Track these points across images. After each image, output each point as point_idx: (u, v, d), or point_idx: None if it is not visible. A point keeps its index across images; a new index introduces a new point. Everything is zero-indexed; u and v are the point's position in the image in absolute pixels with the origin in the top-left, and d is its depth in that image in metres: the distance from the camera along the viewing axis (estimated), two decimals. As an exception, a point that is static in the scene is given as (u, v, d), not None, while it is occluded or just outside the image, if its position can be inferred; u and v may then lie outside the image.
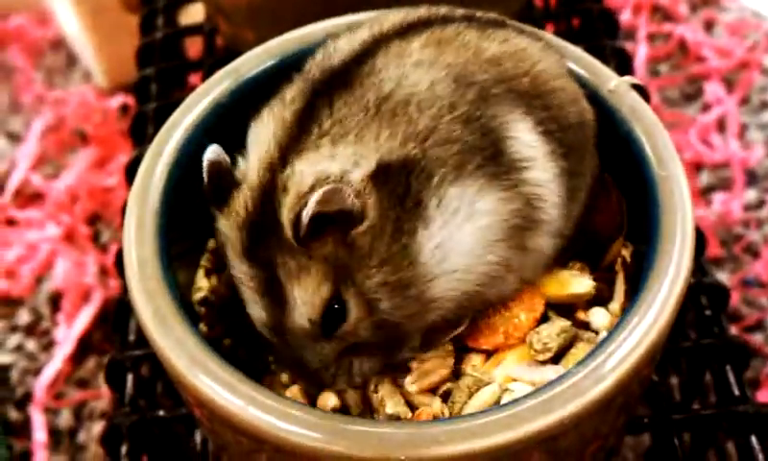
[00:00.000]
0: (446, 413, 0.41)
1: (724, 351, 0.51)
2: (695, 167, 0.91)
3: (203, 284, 0.48)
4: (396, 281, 0.39)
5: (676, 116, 0.96)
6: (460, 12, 0.47)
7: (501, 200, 0.41)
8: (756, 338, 0.79)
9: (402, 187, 0.39)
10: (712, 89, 0.98)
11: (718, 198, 0.88)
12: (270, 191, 0.39)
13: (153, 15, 0.74)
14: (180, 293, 0.44)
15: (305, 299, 0.39)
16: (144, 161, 0.47)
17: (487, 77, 0.42)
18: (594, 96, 0.47)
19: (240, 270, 0.40)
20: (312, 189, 0.38)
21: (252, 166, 0.41)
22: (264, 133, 0.42)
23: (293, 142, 0.41)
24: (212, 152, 0.41)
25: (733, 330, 0.79)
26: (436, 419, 0.40)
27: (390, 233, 0.39)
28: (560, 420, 0.36)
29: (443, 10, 0.47)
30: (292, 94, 0.43)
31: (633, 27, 1.05)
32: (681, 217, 0.42)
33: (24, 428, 0.77)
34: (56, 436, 0.77)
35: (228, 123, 0.49)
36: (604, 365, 0.37)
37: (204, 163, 0.41)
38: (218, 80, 0.49)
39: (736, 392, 0.50)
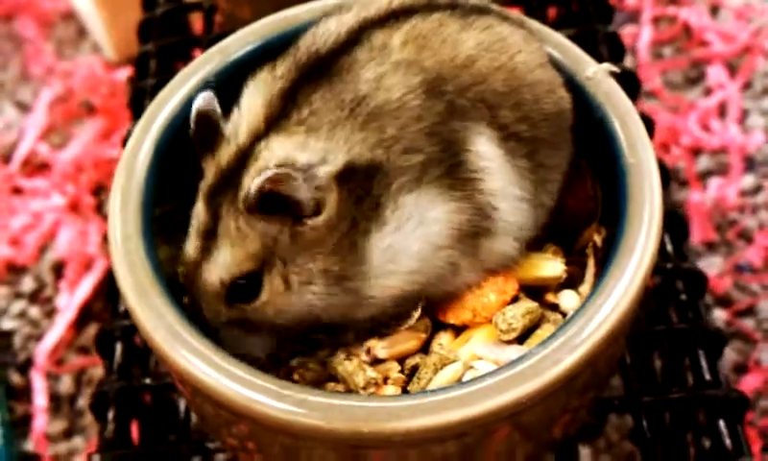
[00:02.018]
0: (395, 384, 0.43)
1: (698, 336, 0.52)
2: (694, 152, 0.92)
3: None
4: (337, 272, 0.42)
5: (677, 100, 0.96)
6: None
7: (453, 209, 0.43)
8: (747, 323, 0.80)
9: (364, 190, 0.42)
10: (715, 74, 0.98)
11: (714, 183, 0.89)
12: (247, 156, 0.42)
13: (155, -9, 0.75)
14: (165, 266, 0.46)
15: (226, 261, 0.42)
16: (132, 137, 0.48)
17: (458, 83, 0.44)
18: (571, 82, 0.48)
19: (197, 207, 0.43)
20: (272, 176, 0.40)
21: (241, 128, 0.43)
22: (254, 102, 0.44)
23: (274, 121, 0.43)
24: (203, 99, 0.44)
25: (725, 315, 0.80)
26: (401, 394, 0.42)
27: (344, 230, 0.41)
28: (516, 398, 0.37)
29: None
30: (281, 70, 0.45)
31: (638, 9, 1.05)
32: (648, 203, 0.43)
33: (25, 393, 0.79)
34: (56, 401, 0.79)
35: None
36: (563, 347, 0.38)
37: (193, 111, 0.44)
38: (206, 59, 0.51)
39: (708, 377, 0.51)
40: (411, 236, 0.42)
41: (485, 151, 0.43)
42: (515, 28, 0.48)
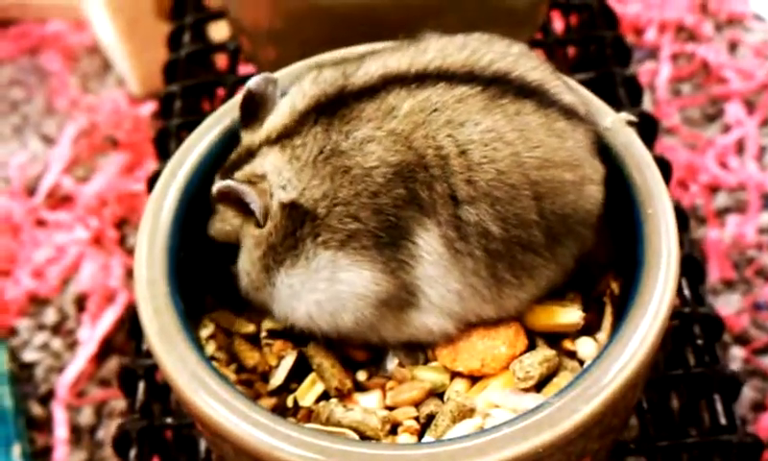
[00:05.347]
0: (408, 432, 0.43)
1: (713, 380, 0.53)
2: (712, 189, 0.92)
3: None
4: (260, 279, 0.47)
5: (695, 137, 0.97)
6: (495, 69, 0.45)
7: (368, 278, 0.44)
8: (765, 361, 0.80)
9: (296, 226, 0.45)
10: (733, 111, 0.99)
11: (732, 220, 0.89)
12: (251, 154, 0.47)
13: (180, 31, 0.77)
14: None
15: (214, 227, 0.48)
16: (158, 183, 0.49)
17: (437, 172, 0.43)
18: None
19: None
20: (242, 178, 0.46)
21: (266, 126, 0.47)
22: (285, 107, 0.47)
23: (284, 135, 0.46)
24: (254, 81, 0.48)
25: (742, 353, 0.80)
26: (418, 442, 0.42)
27: (274, 251, 0.46)
28: (534, 448, 0.38)
29: (482, 59, 0.45)
30: (314, 89, 0.47)
31: (657, 46, 1.06)
32: (665, 253, 0.43)
33: (46, 424, 0.80)
34: (76, 433, 0.80)
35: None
36: (580, 397, 0.39)
37: (245, 88, 0.48)
38: (230, 108, 0.51)
39: (723, 421, 0.51)
40: (317, 286, 0.45)
41: (427, 245, 0.44)
42: (556, 117, 0.45)
